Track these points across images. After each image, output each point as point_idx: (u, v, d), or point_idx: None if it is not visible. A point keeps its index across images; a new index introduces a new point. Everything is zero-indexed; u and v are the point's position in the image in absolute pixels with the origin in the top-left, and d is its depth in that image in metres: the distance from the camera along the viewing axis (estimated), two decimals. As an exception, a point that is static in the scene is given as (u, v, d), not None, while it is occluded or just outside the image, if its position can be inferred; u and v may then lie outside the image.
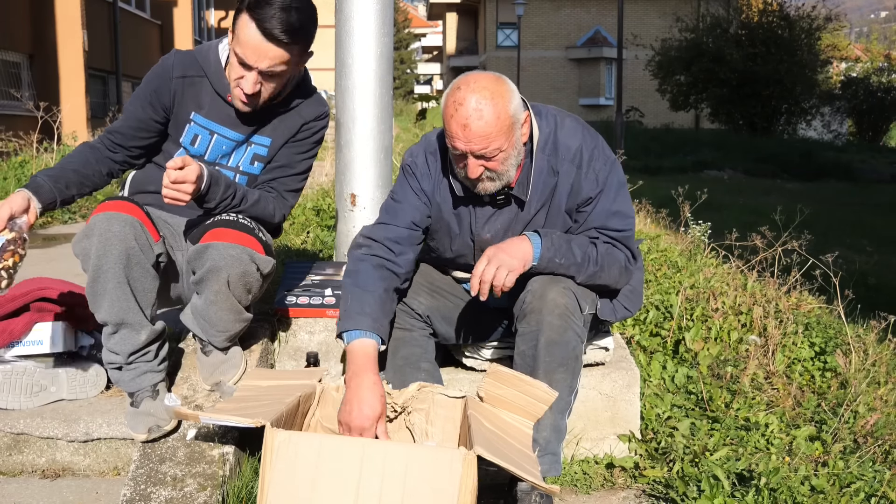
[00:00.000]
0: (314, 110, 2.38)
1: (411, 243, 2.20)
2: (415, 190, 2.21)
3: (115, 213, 2.08)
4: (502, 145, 1.98)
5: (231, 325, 2.25)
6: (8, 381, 2.35)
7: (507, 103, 1.97)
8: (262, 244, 2.20)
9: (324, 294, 2.67)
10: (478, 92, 1.95)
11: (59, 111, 8.48)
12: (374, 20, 2.92)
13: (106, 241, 2.04)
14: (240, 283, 2.14)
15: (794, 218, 4.33)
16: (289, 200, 2.40)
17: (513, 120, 1.99)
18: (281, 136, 2.33)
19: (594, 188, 2.11)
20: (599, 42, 33.34)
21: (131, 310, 2.12)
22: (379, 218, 2.24)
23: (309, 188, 7.11)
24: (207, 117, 2.29)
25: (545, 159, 2.12)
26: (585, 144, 2.12)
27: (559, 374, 2.03)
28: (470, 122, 1.94)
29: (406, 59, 48.87)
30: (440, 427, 2.04)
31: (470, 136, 1.95)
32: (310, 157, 2.42)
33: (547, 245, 2.04)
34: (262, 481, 1.69)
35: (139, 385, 2.20)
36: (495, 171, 2.03)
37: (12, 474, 2.31)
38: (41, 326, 2.45)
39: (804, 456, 2.34)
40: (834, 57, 27.54)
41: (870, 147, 23.65)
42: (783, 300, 3.60)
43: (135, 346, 2.16)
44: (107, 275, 2.06)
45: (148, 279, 2.14)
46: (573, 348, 2.05)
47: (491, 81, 1.98)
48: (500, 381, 1.98)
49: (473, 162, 2.00)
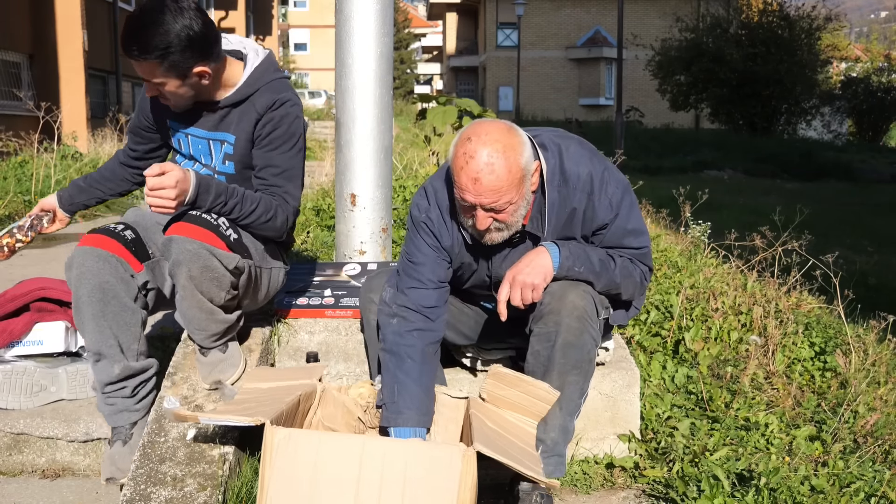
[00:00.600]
0: (268, 99, 2.28)
1: (442, 302, 2.17)
2: (433, 248, 2.15)
3: (91, 248, 2.17)
4: (513, 198, 1.94)
5: (206, 325, 2.21)
6: (8, 381, 2.35)
7: (518, 156, 1.92)
8: (223, 240, 2.14)
9: (323, 295, 2.67)
10: (489, 145, 1.90)
11: (59, 111, 8.49)
12: (374, 20, 2.91)
13: (81, 275, 2.15)
14: (205, 277, 2.10)
15: (794, 218, 4.33)
16: (289, 202, 2.33)
17: (524, 172, 1.94)
18: (242, 132, 2.29)
19: (608, 214, 2.07)
20: (599, 42, 33.34)
21: (105, 343, 2.17)
22: (403, 283, 2.16)
23: (309, 188, 7.11)
24: (177, 120, 2.34)
25: (555, 191, 2.07)
26: (595, 170, 2.07)
27: (572, 377, 2.02)
28: (481, 176, 1.89)
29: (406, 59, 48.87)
30: (443, 427, 2.04)
31: (480, 191, 1.91)
32: (288, 150, 2.31)
33: (565, 255, 2.02)
34: (262, 479, 1.69)
35: (115, 422, 2.23)
36: (504, 223, 2.00)
37: (12, 474, 2.31)
38: (41, 326, 2.46)
39: (804, 456, 2.34)
40: (834, 57, 27.54)
41: (870, 147, 23.64)
42: (783, 300, 3.59)
43: (109, 379, 2.19)
44: (83, 307, 2.15)
45: (126, 313, 2.18)
46: (588, 351, 2.04)
47: (503, 133, 1.93)
48: (501, 381, 1.98)
49: (482, 214, 1.96)
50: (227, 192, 2.21)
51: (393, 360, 2.08)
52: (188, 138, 2.35)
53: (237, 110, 2.29)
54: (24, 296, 2.53)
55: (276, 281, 2.44)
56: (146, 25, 2.06)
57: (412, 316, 2.11)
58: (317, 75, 48.58)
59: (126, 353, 2.19)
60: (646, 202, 6.61)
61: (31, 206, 6.79)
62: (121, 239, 2.22)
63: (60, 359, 2.48)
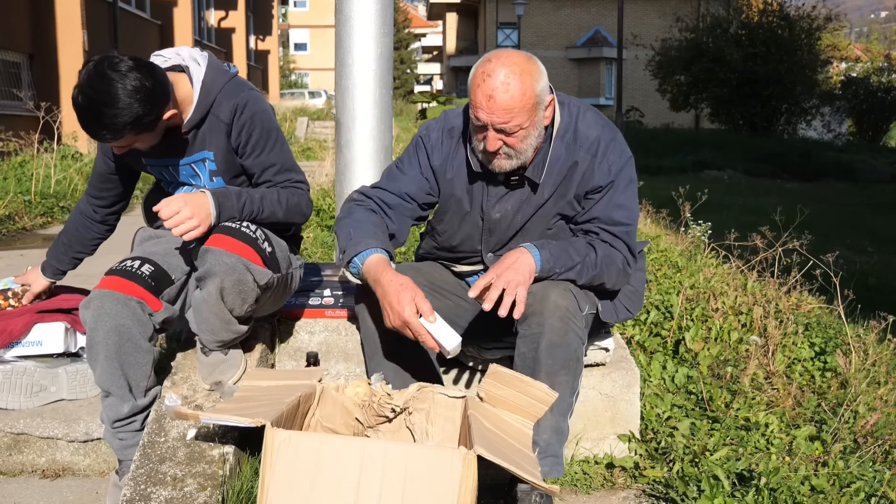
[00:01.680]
0: (229, 106, 2.24)
1: (401, 213, 2.25)
2: (421, 164, 2.24)
3: (110, 291, 2.13)
4: (523, 123, 2.01)
5: (219, 331, 2.22)
6: (8, 381, 2.35)
7: (534, 82, 2.00)
8: (260, 255, 2.15)
9: (323, 294, 2.67)
10: (508, 66, 1.98)
11: (59, 111, 8.48)
12: (374, 20, 2.91)
13: (97, 316, 2.11)
14: (234, 290, 2.12)
15: (794, 218, 4.33)
16: (302, 188, 2.36)
17: (538, 99, 2.01)
18: (217, 145, 2.27)
19: (605, 178, 2.13)
20: (599, 42, 33.33)
21: (116, 383, 2.16)
22: (378, 181, 2.31)
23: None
24: (151, 156, 2.29)
25: (563, 147, 2.14)
26: (604, 136, 2.15)
27: (561, 377, 2.03)
28: (496, 94, 1.97)
29: (406, 59, 48.87)
30: (440, 427, 2.04)
31: (493, 108, 1.98)
32: (273, 145, 2.30)
33: (546, 257, 2.05)
34: (262, 481, 1.69)
35: (124, 456, 2.22)
36: (513, 149, 2.05)
37: (12, 474, 2.31)
38: (40, 327, 2.46)
39: (804, 456, 2.34)
40: (834, 57, 27.53)
41: (870, 147, 23.62)
42: (783, 300, 3.60)
43: (117, 416, 2.19)
44: (97, 347, 2.13)
45: (140, 354, 2.17)
46: (574, 350, 2.05)
47: (522, 59, 2.02)
48: (500, 381, 1.98)
49: (493, 135, 2.02)
50: (248, 192, 2.22)
51: (345, 219, 2.21)
52: (170, 169, 2.32)
53: (204, 128, 2.25)
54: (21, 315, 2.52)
55: (295, 283, 2.46)
56: (103, 106, 1.98)
57: (367, 201, 2.24)
58: (317, 75, 48.58)
59: (135, 391, 2.19)
60: (646, 202, 6.62)
61: (32, 206, 6.80)
62: (138, 278, 2.17)
63: (60, 359, 2.48)
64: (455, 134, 2.23)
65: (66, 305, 2.49)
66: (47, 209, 6.87)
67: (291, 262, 2.40)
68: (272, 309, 2.46)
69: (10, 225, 6.28)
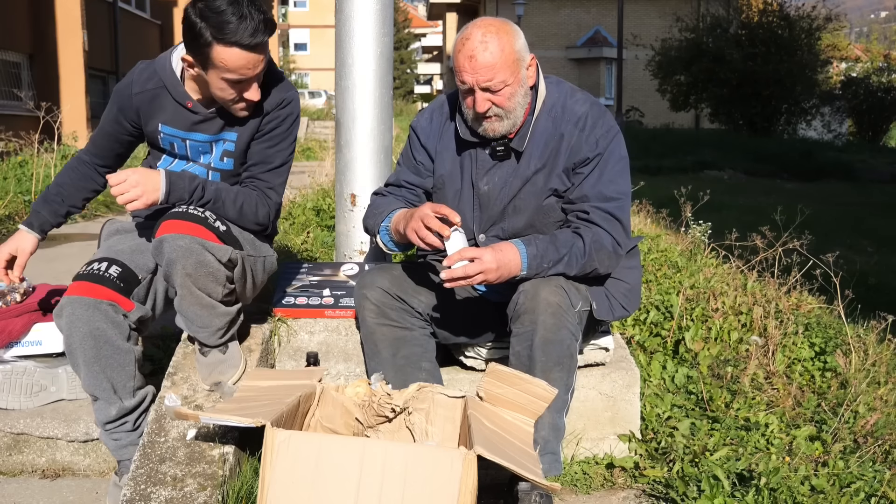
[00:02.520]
0: (277, 97, 2.31)
1: (412, 195, 2.36)
2: (413, 147, 2.35)
3: (79, 297, 2.13)
4: (507, 79, 2.07)
5: (208, 321, 2.21)
6: (8, 381, 2.35)
7: (512, 39, 2.08)
8: (214, 232, 2.15)
9: (322, 294, 2.67)
10: (483, 27, 2.07)
11: (59, 111, 8.48)
12: (374, 20, 2.91)
13: (71, 323, 2.12)
14: (199, 274, 2.11)
15: (794, 218, 4.33)
16: (272, 198, 2.37)
17: (518, 55, 2.09)
18: (247, 129, 2.31)
19: (593, 150, 2.16)
20: (599, 42, 33.32)
21: (100, 387, 2.16)
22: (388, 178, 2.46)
23: (309, 188, 7.11)
24: (173, 125, 2.31)
25: (550, 120, 2.19)
26: (591, 112, 2.20)
27: (556, 373, 2.03)
28: (476, 52, 2.05)
29: (406, 59, 48.88)
30: (440, 427, 2.04)
31: (476, 67, 2.05)
32: (284, 148, 2.37)
33: (532, 253, 2.06)
34: (263, 481, 1.69)
35: (121, 456, 2.22)
36: (502, 108, 2.10)
37: (12, 474, 2.31)
38: (40, 327, 2.46)
39: (804, 456, 2.33)
40: (834, 57, 27.52)
41: (870, 147, 23.61)
42: (783, 300, 3.59)
43: (107, 419, 2.20)
44: (76, 353, 2.13)
45: (119, 355, 2.16)
46: (568, 346, 2.05)
47: (497, 21, 2.11)
48: (499, 380, 1.98)
49: (481, 95, 2.08)
50: (203, 180, 2.24)
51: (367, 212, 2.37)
52: (185, 143, 2.33)
53: None
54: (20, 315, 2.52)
55: (270, 266, 2.47)
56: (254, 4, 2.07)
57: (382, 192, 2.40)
58: (317, 75, 48.57)
59: (120, 393, 2.19)
60: (646, 202, 6.62)
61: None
62: (107, 281, 2.16)
63: (60, 359, 2.48)
64: (445, 109, 2.31)
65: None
66: (47, 209, 6.86)
67: (260, 247, 2.40)
68: (255, 292, 2.44)
69: (10, 225, 6.27)
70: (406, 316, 2.30)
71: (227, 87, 2.15)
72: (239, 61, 2.09)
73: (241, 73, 2.12)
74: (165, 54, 2.32)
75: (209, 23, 2.05)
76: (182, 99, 2.27)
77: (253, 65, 2.12)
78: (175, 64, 2.27)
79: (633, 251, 2.36)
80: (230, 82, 2.13)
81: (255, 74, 2.15)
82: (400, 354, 2.26)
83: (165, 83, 2.27)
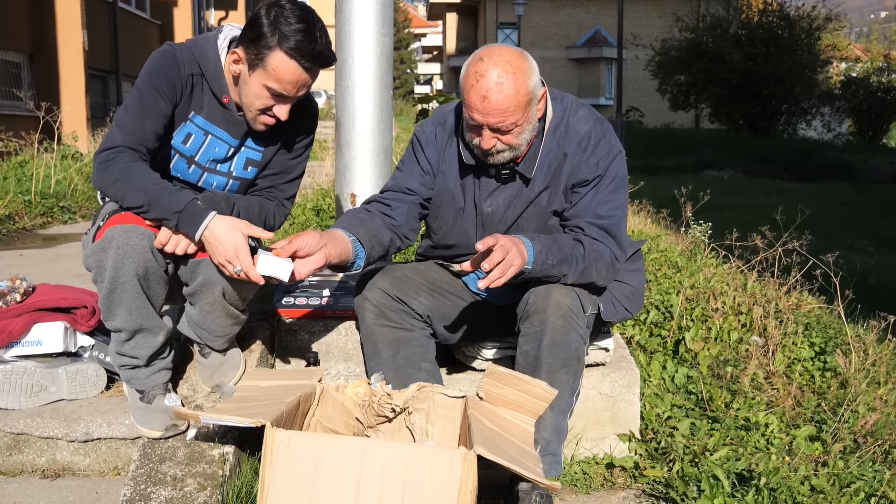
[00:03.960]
0: (307, 114, 2.29)
1: (404, 204, 2.26)
2: (418, 158, 2.27)
3: (133, 225, 2.05)
4: (518, 120, 2.01)
5: (229, 329, 2.27)
6: (8, 381, 2.35)
7: (527, 79, 2.00)
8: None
9: (322, 295, 2.67)
10: (500, 66, 1.97)
11: (59, 111, 8.48)
12: (374, 20, 2.91)
13: (123, 254, 2.02)
14: (233, 292, 2.16)
15: (794, 218, 4.33)
16: (286, 207, 2.38)
17: (531, 96, 2.02)
18: (275, 143, 2.28)
19: (592, 172, 2.14)
20: (599, 42, 33.32)
21: (150, 316, 2.13)
22: (384, 185, 2.38)
23: (309, 188, 7.11)
24: (207, 118, 2.22)
25: (555, 141, 2.15)
26: (594, 131, 2.16)
27: (561, 375, 2.03)
28: (490, 94, 1.96)
29: (406, 59, 48.87)
30: (440, 427, 2.04)
31: (489, 109, 1.97)
32: (304, 159, 2.39)
33: (538, 248, 2.03)
34: (262, 481, 1.69)
35: (154, 382, 2.20)
36: (508, 145, 2.06)
37: (12, 474, 2.31)
38: (40, 327, 2.45)
39: (804, 456, 2.34)
40: (834, 57, 27.53)
41: (870, 147, 23.63)
42: (783, 300, 3.60)
43: (154, 348, 2.17)
44: (125, 286, 2.05)
45: (161, 285, 2.15)
46: (576, 349, 2.05)
47: (514, 56, 2.01)
48: (499, 380, 1.98)
49: (488, 134, 2.03)
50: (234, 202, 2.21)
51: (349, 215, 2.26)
52: (207, 138, 2.22)
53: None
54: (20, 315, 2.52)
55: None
56: (322, 29, 2.05)
57: (366, 206, 2.29)
58: (317, 75, 48.44)
59: (162, 318, 2.19)
60: (646, 202, 6.62)
61: (32, 207, 6.79)
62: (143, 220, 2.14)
63: (60, 359, 2.47)
64: (448, 127, 2.25)
65: (66, 304, 2.49)
66: (47, 209, 6.86)
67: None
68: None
69: (10, 225, 6.27)
70: (406, 317, 2.30)
71: (265, 94, 2.08)
72: (292, 75, 2.04)
73: (285, 88, 2.06)
74: (206, 39, 2.20)
75: (280, 28, 2.01)
76: (219, 91, 2.18)
77: (301, 84, 2.07)
78: (221, 51, 2.17)
79: (637, 255, 2.36)
80: (271, 92, 2.07)
81: (296, 95, 2.10)
82: (400, 355, 2.26)
83: (205, 71, 2.17)
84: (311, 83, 2.11)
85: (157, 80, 2.12)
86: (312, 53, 2.02)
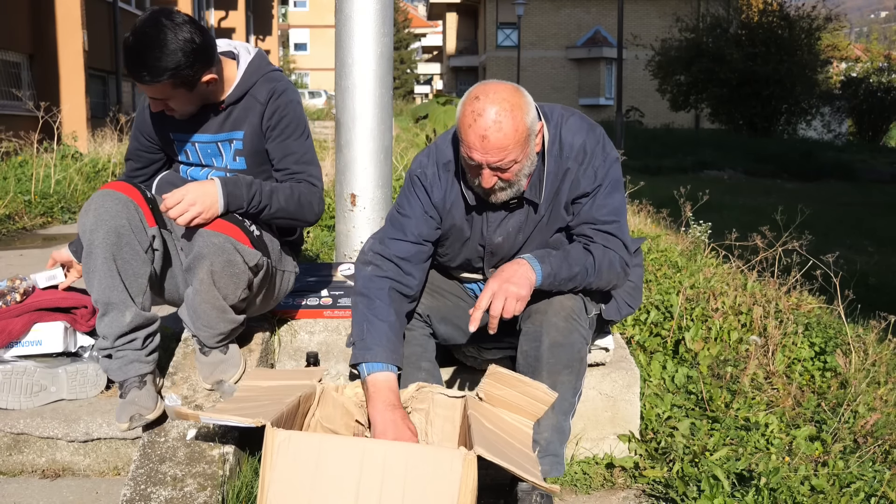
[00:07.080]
0: (267, 88, 2.33)
1: (420, 261, 2.19)
2: (423, 203, 2.19)
3: (112, 191, 2.16)
4: (518, 157, 1.98)
5: (216, 323, 2.23)
6: (8, 381, 2.35)
7: (524, 116, 1.96)
8: (248, 236, 2.19)
9: (321, 295, 2.68)
10: (497, 104, 1.94)
11: (59, 111, 8.48)
12: (374, 20, 2.91)
13: (98, 216, 2.12)
14: (225, 273, 2.13)
15: (794, 218, 4.33)
16: (316, 185, 2.39)
17: (529, 132, 1.98)
18: (250, 125, 2.34)
19: (591, 184, 2.12)
20: (599, 42, 33.34)
21: (116, 288, 2.14)
22: (385, 232, 2.22)
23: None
24: (181, 131, 2.35)
25: (553, 161, 2.13)
26: (588, 142, 2.13)
27: (563, 376, 2.03)
28: (489, 133, 1.93)
29: (406, 59, 48.89)
30: (439, 427, 2.04)
31: (488, 148, 1.94)
32: (300, 135, 2.38)
33: (547, 271, 2.02)
34: (263, 481, 1.69)
35: (126, 374, 2.19)
36: (508, 182, 2.03)
37: (12, 474, 2.31)
38: (40, 327, 2.45)
39: (804, 456, 2.34)
40: (834, 57, 27.56)
41: (870, 147, 23.65)
42: (783, 300, 3.60)
43: (120, 329, 2.16)
44: (96, 251, 2.12)
45: (137, 262, 2.17)
46: (578, 350, 2.05)
47: (510, 93, 1.97)
48: (499, 381, 1.98)
49: (488, 173, 2.00)
50: (258, 184, 2.25)
51: (363, 300, 2.12)
52: (195, 146, 2.37)
53: (240, 106, 2.34)
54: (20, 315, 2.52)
55: (286, 285, 2.49)
56: (150, 48, 2.07)
57: (386, 265, 2.15)
58: (317, 75, 48.57)
59: (136, 299, 2.18)
60: (646, 202, 6.62)
61: (32, 207, 6.80)
62: (141, 191, 2.22)
63: (60, 359, 2.48)
64: (450, 167, 2.19)
65: (65, 304, 2.49)
66: (47, 209, 6.87)
67: (284, 261, 2.42)
68: (263, 309, 2.46)
69: (10, 225, 6.27)
70: (406, 316, 2.30)
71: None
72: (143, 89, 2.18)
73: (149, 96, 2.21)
74: None
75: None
76: None
77: (150, 91, 2.17)
78: None
79: (637, 251, 2.37)
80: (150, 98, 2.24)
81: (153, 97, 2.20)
82: (399, 354, 2.26)
83: None
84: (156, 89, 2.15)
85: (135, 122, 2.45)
86: (130, 69, 2.14)
